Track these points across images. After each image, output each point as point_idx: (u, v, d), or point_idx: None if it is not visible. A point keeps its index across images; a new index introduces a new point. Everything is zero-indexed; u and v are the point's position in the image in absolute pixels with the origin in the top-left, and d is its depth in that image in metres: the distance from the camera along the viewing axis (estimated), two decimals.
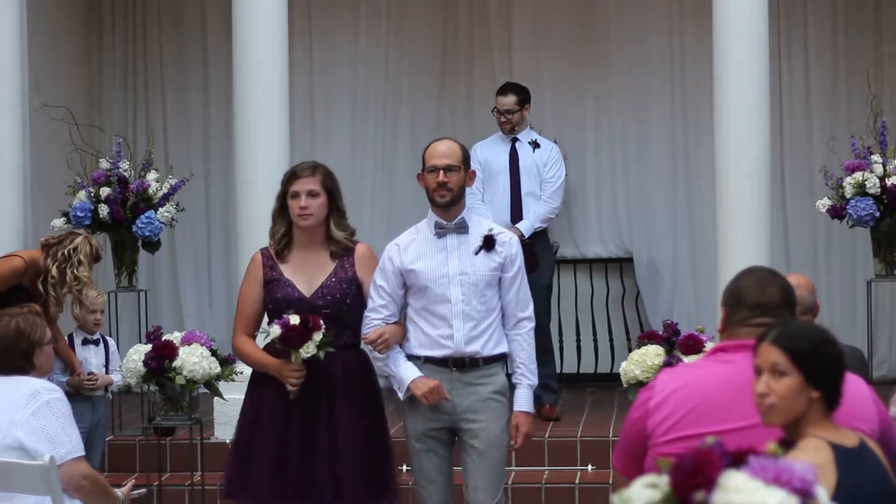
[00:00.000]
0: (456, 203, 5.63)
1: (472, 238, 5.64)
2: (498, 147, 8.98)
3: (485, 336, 5.62)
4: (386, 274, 5.63)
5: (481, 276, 5.60)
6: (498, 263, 5.64)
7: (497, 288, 5.66)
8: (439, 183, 5.58)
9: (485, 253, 5.62)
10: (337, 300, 5.62)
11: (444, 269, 5.60)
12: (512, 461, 8.07)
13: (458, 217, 5.66)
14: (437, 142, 5.75)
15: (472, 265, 5.61)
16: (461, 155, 5.66)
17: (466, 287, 5.59)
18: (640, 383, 6.21)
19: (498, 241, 5.65)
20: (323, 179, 5.66)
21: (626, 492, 2.41)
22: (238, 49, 8.27)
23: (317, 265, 5.68)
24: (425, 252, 5.63)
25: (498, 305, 5.67)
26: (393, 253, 5.67)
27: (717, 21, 8.15)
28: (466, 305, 5.58)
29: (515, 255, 5.68)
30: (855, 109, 9.72)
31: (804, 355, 3.40)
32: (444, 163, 5.60)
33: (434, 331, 5.62)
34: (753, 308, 3.78)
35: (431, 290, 5.59)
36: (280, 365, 5.56)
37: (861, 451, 3.41)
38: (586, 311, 10.21)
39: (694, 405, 3.72)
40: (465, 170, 5.66)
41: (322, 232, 5.68)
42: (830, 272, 10.07)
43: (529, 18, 10.27)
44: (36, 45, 8.78)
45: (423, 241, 5.67)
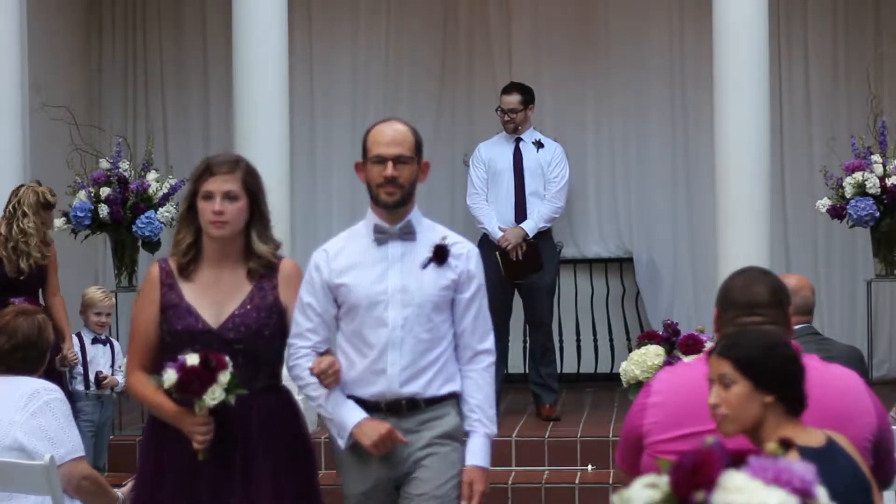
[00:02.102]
0: (405, 203, 4.49)
1: (419, 247, 4.50)
2: (502, 147, 8.98)
3: (428, 373, 4.46)
4: (314, 288, 4.49)
5: (428, 296, 4.45)
6: (451, 281, 4.48)
7: (449, 312, 4.51)
8: (387, 178, 4.44)
9: (435, 267, 4.47)
10: (252, 332, 4.44)
11: (382, 285, 4.45)
12: (512, 461, 8.08)
13: (403, 220, 4.50)
14: (383, 124, 4.57)
15: (418, 281, 4.46)
16: (414, 142, 4.51)
17: (409, 309, 4.44)
18: (640, 383, 6.21)
19: (452, 252, 4.49)
20: (244, 178, 4.50)
21: (626, 492, 2.41)
22: (238, 49, 8.27)
23: (230, 287, 4.50)
24: (359, 262, 4.49)
25: (449, 335, 4.51)
26: (320, 261, 4.53)
27: (717, 21, 8.15)
28: (407, 332, 4.43)
29: (474, 272, 4.53)
30: (855, 109, 9.72)
31: (749, 362, 3.42)
32: (393, 152, 4.47)
33: (364, 363, 4.46)
34: (741, 307, 3.80)
35: (364, 310, 4.45)
36: (182, 417, 4.37)
37: (829, 450, 3.41)
38: (586, 311, 10.21)
39: (690, 404, 3.74)
40: (419, 161, 4.52)
41: (240, 244, 4.50)
42: (830, 272, 10.07)
43: (529, 18, 10.26)
44: (36, 45, 8.78)
45: (357, 247, 4.53)
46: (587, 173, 10.24)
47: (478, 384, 4.55)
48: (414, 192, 4.52)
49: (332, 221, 10.20)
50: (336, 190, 10.26)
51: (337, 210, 10.23)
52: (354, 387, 4.48)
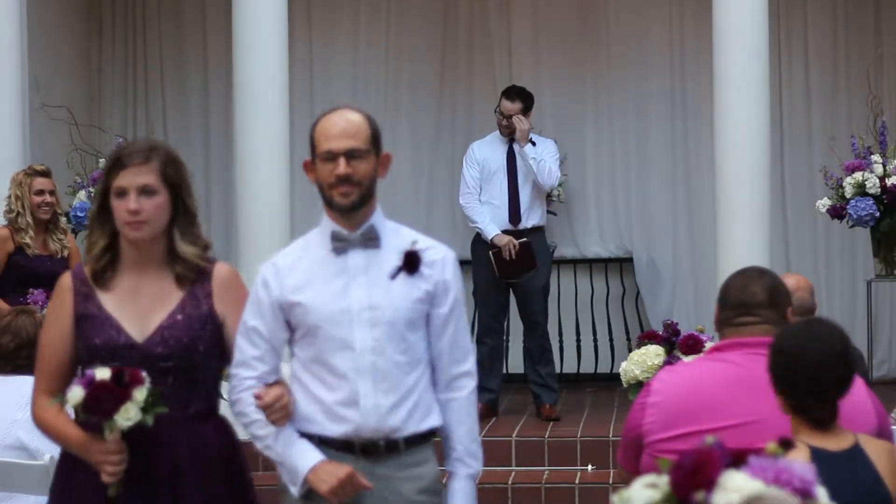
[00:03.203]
0: (363, 204, 3.85)
1: (386, 255, 3.86)
2: (496, 147, 8.97)
3: (408, 402, 3.82)
4: (261, 309, 3.84)
5: (400, 311, 3.81)
6: (425, 292, 3.85)
7: (424, 330, 3.88)
8: (339, 176, 3.80)
9: (406, 276, 3.84)
10: (184, 347, 3.81)
11: (345, 302, 3.81)
12: (512, 461, 8.08)
13: (365, 224, 3.86)
14: (332, 114, 3.90)
15: (387, 295, 3.82)
16: (369, 132, 3.87)
17: (379, 328, 3.79)
18: (640, 383, 6.21)
19: (425, 258, 3.86)
20: (163, 169, 3.87)
21: (626, 492, 2.41)
22: (238, 48, 8.27)
23: (155, 295, 3.87)
24: (316, 276, 3.85)
25: (426, 356, 3.88)
26: (269, 277, 3.87)
27: (717, 21, 8.15)
28: (379, 356, 3.78)
29: (451, 282, 3.88)
30: (855, 109, 9.72)
31: None
32: (344, 146, 3.82)
33: (330, 395, 3.79)
34: (736, 307, 3.82)
35: (326, 332, 3.80)
36: (89, 444, 3.72)
37: (849, 456, 3.41)
38: (586, 311, 10.21)
39: (690, 403, 3.75)
40: (377, 154, 3.88)
41: (163, 246, 3.87)
42: (830, 272, 10.07)
43: (529, 18, 10.27)
44: (36, 45, 8.78)
45: (313, 259, 3.88)
46: (587, 173, 10.24)
47: (459, 415, 3.92)
48: (374, 191, 3.87)
49: None
50: None
51: None
52: (318, 425, 3.80)
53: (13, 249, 7.52)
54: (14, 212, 7.54)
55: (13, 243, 7.52)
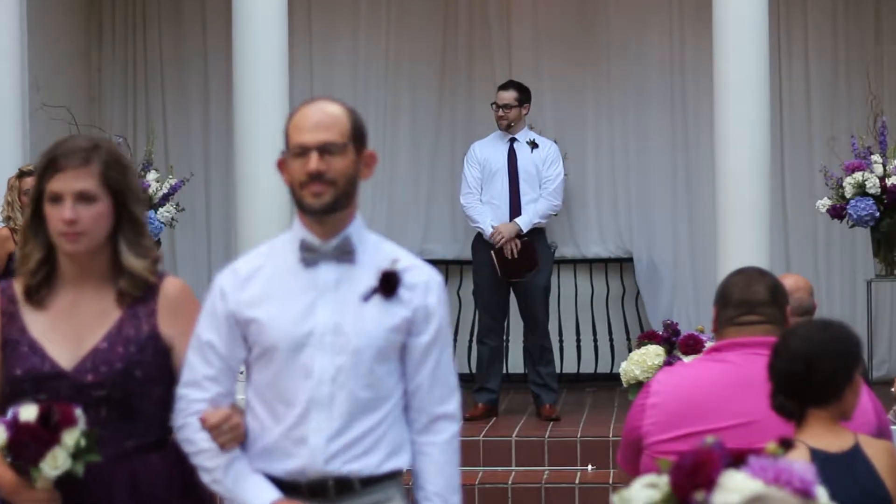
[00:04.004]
0: (338, 207, 3.37)
1: (361, 272, 3.39)
2: (496, 146, 8.98)
3: (365, 442, 3.36)
4: (216, 321, 3.39)
5: (370, 340, 3.35)
6: (402, 320, 3.38)
7: (397, 363, 3.40)
8: (310, 173, 3.35)
9: (381, 299, 3.37)
10: (117, 373, 3.34)
11: (308, 323, 3.34)
12: (512, 461, 8.08)
13: (340, 233, 3.39)
14: (308, 105, 3.49)
15: (357, 319, 3.35)
16: (349, 125, 3.42)
17: (343, 356, 3.33)
18: (640, 383, 6.21)
19: (406, 280, 3.39)
20: (104, 172, 3.37)
21: (626, 492, 2.42)
22: (238, 49, 8.27)
23: (92, 315, 3.40)
24: (278, 289, 3.38)
25: (396, 393, 3.40)
26: (226, 285, 3.41)
27: (717, 21, 8.14)
28: (340, 388, 3.32)
29: (434, 308, 3.43)
30: (855, 109, 9.72)
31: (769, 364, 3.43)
32: (318, 139, 3.38)
33: (279, 427, 3.35)
34: (739, 306, 3.81)
35: (283, 355, 3.34)
36: (18, 490, 3.27)
37: (849, 456, 3.41)
38: (586, 311, 10.21)
39: (689, 404, 3.75)
40: (359, 151, 3.42)
41: (105, 259, 3.41)
42: (830, 272, 10.06)
43: (529, 18, 10.26)
44: (36, 45, 8.78)
45: (277, 269, 3.41)
46: (587, 173, 10.23)
47: (437, 463, 3.44)
48: (353, 194, 3.40)
49: None
50: None
51: None
52: (266, 460, 3.36)
53: (13, 249, 7.53)
54: (6, 216, 7.55)
55: (13, 243, 7.54)
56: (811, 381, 3.39)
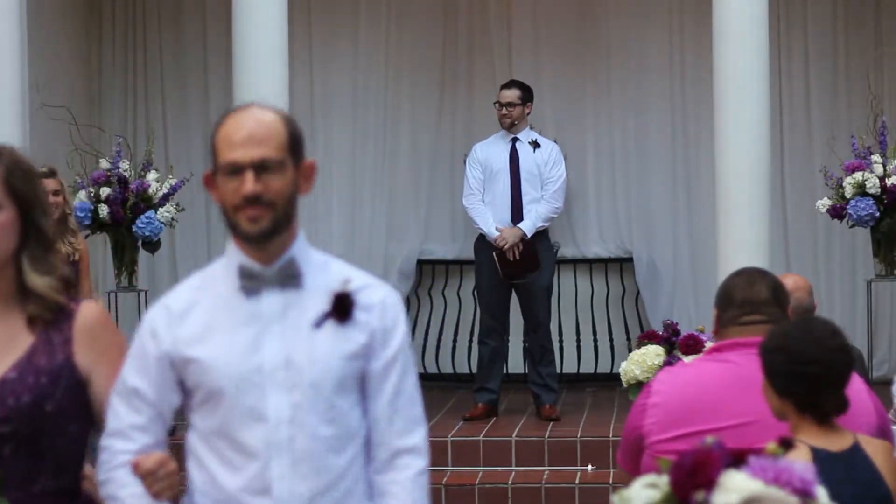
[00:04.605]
0: (279, 230, 3.01)
1: (309, 297, 3.05)
2: (498, 147, 8.99)
3: (336, 490, 3.03)
4: (146, 365, 3.04)
5: (327, 371, 3.02)
6: (359, 346, 3.05)
7: (358, 394, 3.07)
8: (246, 196, 2.97)
9: (335, 325, 3.04)
10: (26, 407, 2.99)
11: (255, 358, 3.01)
12: (512, 461, 8.08)
13: (283, 256, 3.05)
14: (238, 114, 3.07)
15: (310, 349, 3.02)
16: (286, 136, 3.05)
17: (298, 392, 3.00)
18: (640, 383, 6.21)
19: (360, 301, 3.06)
20: (7, 178, 3.07)
21: (626, 492, 2.41)
22: (238, 49, 8.28)
23: (0, 342, 3.06)
24: (219, 324, 3.04)
25: (361, 429, 3.07)
26: (158, 323, 3.07)
27: (717, 21, 8.15)
28: (298, 429, 2.99)
29: (392, 329, 3.08)
30: (855, 109, 9.72)
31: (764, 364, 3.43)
32: (252, 155, 2.98)
33: (234, 480, 3.00)
34: (742, 305, 3.81)
35: (230, 398, 3.00)
36: None
37: (850, 455, 3.41)
38: (586, 311, 10.21)
39: (690, 403, 3.75)
40: (297, 164, 3.07)
41: (9, 278, 3.07)
42: (830, 272, 10.07)
43: (529, 18, 10.27)
44: (36, 46, 8.78)
45: (215, 301, 3.07)
46: (587, 173, 10.24)
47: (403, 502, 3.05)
48: (294, 213, 3.04)
49: (332, 222, 10.21)
50: (336, 190, 10.27)
51: (337, 210, 10.24)
52: None
53: None
54: None
55: None
56: (809, 376, 3.39)
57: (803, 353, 3.38)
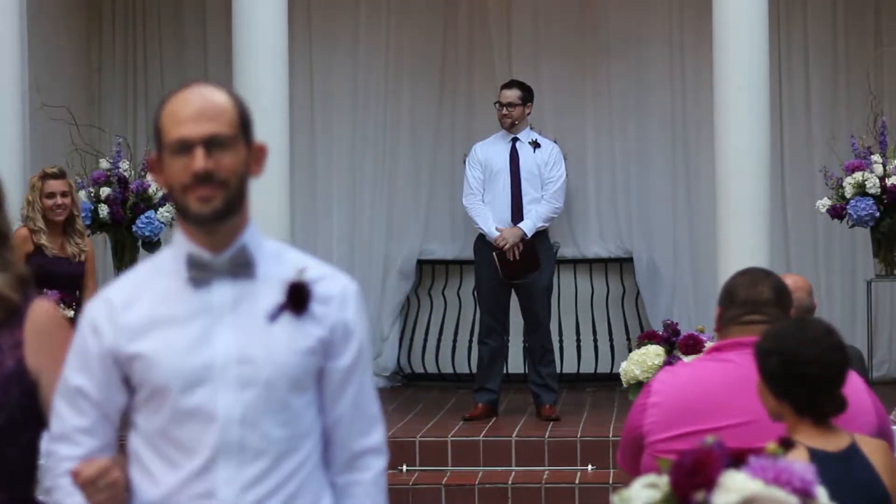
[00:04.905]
0: (231, 212, 2.83)
1: (262, 287, 2.85)
2: (498, 147, 8.99)
3: (287, 488, 2.83)
4: (88, 362, 2.84)
5: (282, 367, 2.82)
6: (316, 340, 2.86)
7: (314, 392, 2.88)
8: (197, 174, 2.78)
9: (291, 318, 2.84)
10: None
11: (204, 353, 2.81)
12: (512, 461, 8.08)
13: (234, 243, 2.85)
14: (185, 91, 2.84)
15: (264, 344, 2.82)
16: (237, 114, 2.84)
17: (251, 390, 2.81)
18: (640, 383, 6.21)
19: (317, 293, 2.87)
20: None
21: (626, 492, 2.41)
22: (238, 49, 8.28)
23: None
24: (165, 316, 2.83)
25: (316, 430, 2.89)
26: (99, 318, 2.86)
27: (717, 21, 8.15)
28: (250, 429, 2.80)
29: (353, 324, 2.91)
30: (855, 109, 9.72)
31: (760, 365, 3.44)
32: (203, 130, 2.79)
33: (177, 480, 2.80)
34: (744, 305, 3.81)
35: (177, 396, 2.80)
36: None
37: (847, 455, 3.41)
38: (586, 311, 10.21)
39: (690, 403, 3.75)
40: (248, 143, 2.87)
41: None
42: (830, 272, 10.07)
43: (529, 18, 10.27)
44: (36, 46, 8.78)
45: (161, 292, 2.86)
46: (587, 173, 10.24)
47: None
48: (246, 195, 2.86)
49: (332, 222, 10.21)
50: (336, 190, 10.27)
51: (337, 210, 10.24)
52: None
53: (32, 250, 7.52)
54: (26, 215, 7.56)
55: (32, 244, 7.54)
56: (807, 377, 3.39)
57: (800, 354, 3.37)
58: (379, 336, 10.16)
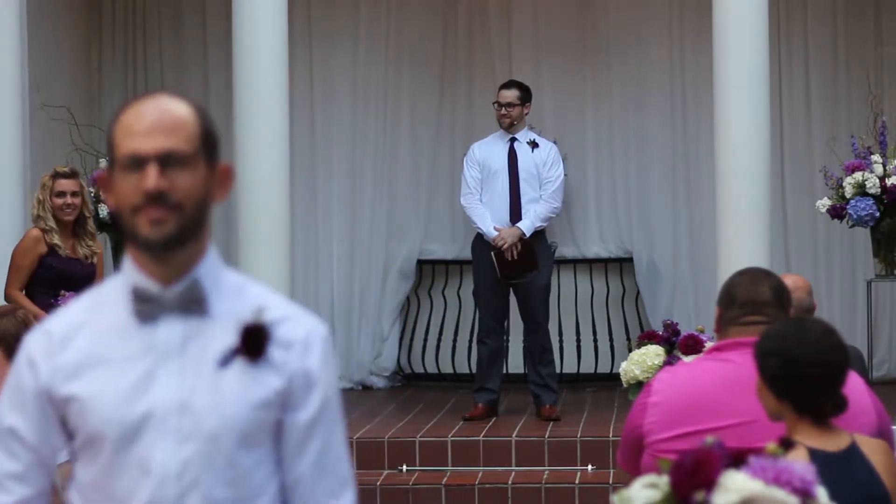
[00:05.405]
0: (186, 240, 2.50)
1: (216, 327, 2.52)
2: (496, 146, 8.98)
3: None
4: (23, 400, 2.54)
5: (232, 420, 2.49)
6: (274, 392, 2.50)
7: (270, 448, 2.53)
8: (149, 193, 2.46)
9: (245, 364, 2.50)
10: None
11: (145, 400, 2.48)
12: (512, 461, 8.08)
13: (187, 275, 2.52)
14: (142, 102, 2.58)
15: (212, 393, 2.49)
16: (199, 130, 2.55)
17: (193, 444, 2.47)
18: (640, 383, 6.21)
19: (278, 336, 2.52)
20: None
21: (626, 492, 2.41)
22: (238, 49, 8.28)
23: None
24: (105, 354, 2.51)
25: (269, 490, 2.54)
26: (36, 351, 2.55)
27: (717, 21, 8.15)
28: (189, 487, 2.48)
29: (317, 372, 2.54)
30: (855, 109, 9.72)
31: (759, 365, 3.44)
32: (157, 145, 2.49)
33: None
34: (744, 305, 3.81)
35: (112, 445, 2.48)
36: None
37: (847, 455, 3.41)
38: (586, 311, 10.21)
39: (691, 403, 3.75)
40: (211, 164, 2.55)
41: None
42: (830, 272, 10.07)
43: (529, 18, 10.27)
44: (36, 46, 8.78)
45: (103, 327, 2.53)
46: (587, 173, 10.24)
47: None
48: (205, 222, 2.54)
49: (332, 223, 10.21)
50: (336, 191, 10.27)
51: (337, 211, 10.24)
52: None
53: (46, 251, 7.51)
54: (36, 215, 7.54)
55: (45, 245, 7.52)
56: (807, 378, 3.39)
57: (801, 355, 3.37)
58: (379, 336, 10.17)
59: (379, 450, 8.04)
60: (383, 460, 8.00)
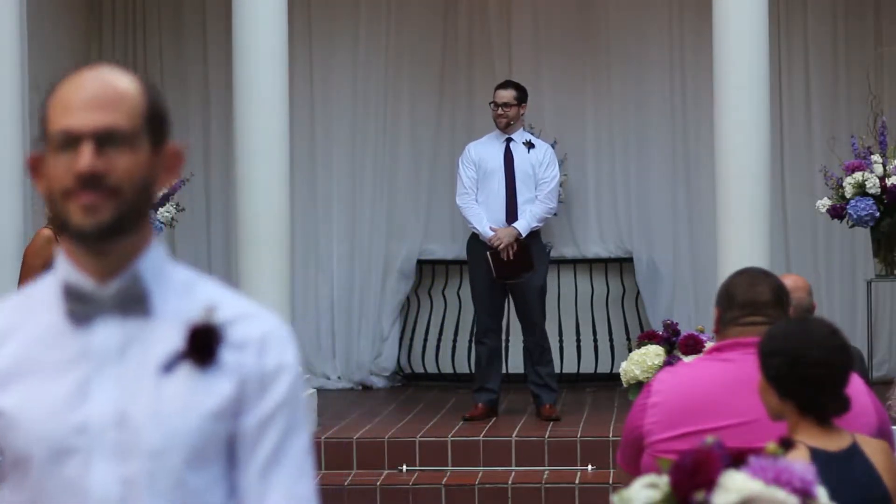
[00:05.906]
0: (125, 229, 2.17)
1: (160, 327, 2.20)
2: (492, 146, 8.98)
3: None
4: None
5: (179, 434, 2.16)
6: (225, 399, 2.18)
7: (222, 465, 2.20)
8: (82, 175, 2.13)
9: (193, 370, 2.18)
10: None
11: (78, 414, 2.16)
12: (512, 461, 8.08)
13: (126, 270, 2.19)
14: (82, 74, 2.21)
15: (156, 403, 2.17)
16: (145, 106, 2.20)
17: (135, 461, 2.15)
18: (640, 383, 6.21)
19: (232, 337, 2.20)
20: None
21: (626, 492, 2.42)
22: (238, 49, 8.28)
23: None
24: (35, 362, 2.20)
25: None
26: None
27: (717, 21, 8.15)
28: None
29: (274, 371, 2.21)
30: (855, 109, 9.73)
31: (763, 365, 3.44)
32: (94, 122, 2.15)
33: None
34: (744, 306, 3.81)
35: (43, 465, 2.17)
36: None
37: (848, 455, 3.41)
38: (586, 311, 10.21)
39: (690, 403, 3.75)
40: (157, 145, 2.21)
41: None
42: (830, 272, 10.07)
43: (529, 18, 10.27)
44: (36, 46, 8.78)
45: (34, 330, 2.22)
46: (587, 173, 10.24)
47: None
48: (147, 209, 2.21)
49: (331, 223, 10.21)
50: (336, 191, 10.27)
51: (337, 211, 10.24)
52: None
53: None
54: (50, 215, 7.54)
55: (58, 244, 7.52)
56: (810, 377, 3.39)
57: (805, 355, 3.37)
58: (379, 336, 10.18)
59: (379, 450, 8.04)
60: (383, 460, 8.01)
